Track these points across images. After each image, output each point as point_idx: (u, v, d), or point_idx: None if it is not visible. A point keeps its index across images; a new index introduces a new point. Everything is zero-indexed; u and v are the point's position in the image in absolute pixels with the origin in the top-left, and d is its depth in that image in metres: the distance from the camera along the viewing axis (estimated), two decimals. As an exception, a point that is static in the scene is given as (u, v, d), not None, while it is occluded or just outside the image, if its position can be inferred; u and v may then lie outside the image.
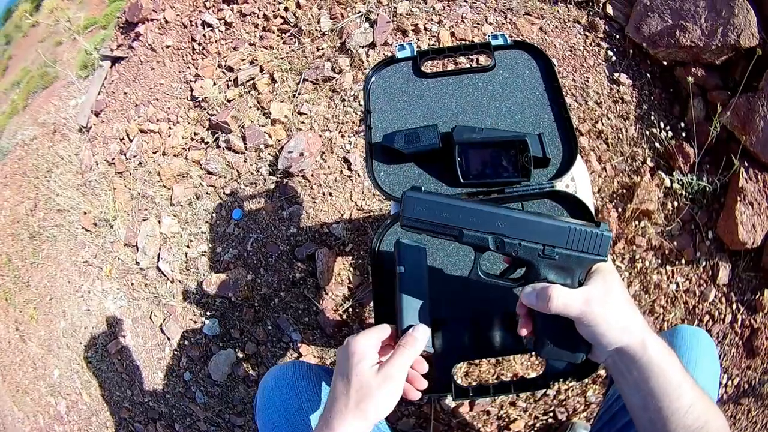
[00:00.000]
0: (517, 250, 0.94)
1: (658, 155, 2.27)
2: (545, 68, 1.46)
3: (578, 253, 0.92)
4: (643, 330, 0.88)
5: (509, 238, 0.94)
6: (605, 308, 0.87)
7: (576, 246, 0.91)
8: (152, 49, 3.75)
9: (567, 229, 0.92)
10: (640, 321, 0.90)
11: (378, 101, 1.49)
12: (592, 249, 0.91)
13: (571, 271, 0.92)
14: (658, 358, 0.87)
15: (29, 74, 6.47)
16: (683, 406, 0.85)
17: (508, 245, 0.94)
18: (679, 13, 2.24)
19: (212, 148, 3.17)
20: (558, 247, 0.92)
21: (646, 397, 0.87)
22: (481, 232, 0.95)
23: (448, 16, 2.81)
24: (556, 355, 0.95)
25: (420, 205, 0.96)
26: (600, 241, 0.91)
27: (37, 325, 3.58)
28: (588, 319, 0.87)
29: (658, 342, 0.89)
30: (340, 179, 2.70)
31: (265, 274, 2.69)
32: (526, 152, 1.25)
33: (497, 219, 0.94)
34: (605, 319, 0.87)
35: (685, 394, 0.86)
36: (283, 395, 1.23)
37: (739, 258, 2.09)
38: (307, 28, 3.12)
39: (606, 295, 0.89)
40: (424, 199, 0.97)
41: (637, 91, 2.39)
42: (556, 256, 0.92)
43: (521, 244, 0.93)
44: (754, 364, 2.00)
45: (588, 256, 0.92)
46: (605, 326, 0.87)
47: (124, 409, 2.93)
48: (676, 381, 0.86)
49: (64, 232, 3.69)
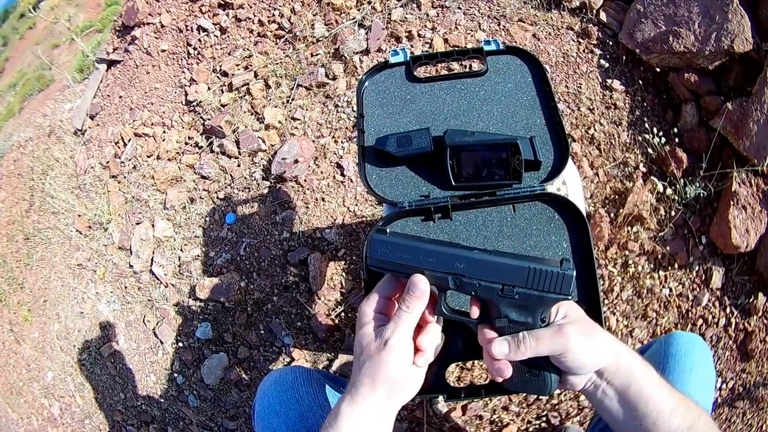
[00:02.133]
0: (476, 290, 0.93)
1: (651, 161, 2.28)
2: (537, 73, 1.46)
3: (539, 292, 0.90)
4: (615, 345, 0.90)
5: (467, 278, 0.94)
6: (581, 337, 0.87)
7: (537, 286, 0.90)
8: (148, 53, 3.76)
9: (526, 269, 0.91)
10: (610, 338, 0.91)
11: (371, 105, 1.49)
12: (555, 288, 0.90)
13: (533, 309, 0.91)
14: (633, 365, 0.88)
15: (25, 76, 6.49)
16: (667, 409, 0.86)
17: (468, 285, 0.94)
18: (673, 19, 2.25)
19: (206, 153, 3.17)
20: (518, 286, 0.91)
21: (628, 406, 0.88)
22: (441, 273, 0.95)
23: (441, 23, 2.82)
24: (526, 388, 0.95)
25: (384, 247, 0.97)
26: (562, 281, 0.89)
27: (31, 327, 3.58)
28: (564, 353, 0.87)
29: (630, 350, 0.90)
30: (333, 184, 2.70)
31: (257, 278, 2.68)
32: (517, 155, 1.24)
33: (456, 260, 0.94)
34: (581, 347, 0.87)
35: (667, 398, 0.87)
36: (283, 401, 1.22)
37: (732, 262, 2.09)
38: (301, 34, 3.13)
39: (578, 325, 0.89)
40: (387, 241, 0.98)
41: (629, 97, 2.40)
42: (516, 296, 0.91)
43: (480, 284, 0.93)
44: (749, 367, 2.01)
45: (550, 296, 0.90)
46: (585, 354, 0.87)
47: (117, 412, 2.92)
48: (655, 387, 0.87)
49: (58, 234, 3.69)
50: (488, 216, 1.32)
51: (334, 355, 2.42)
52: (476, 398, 1.48)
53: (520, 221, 1.31)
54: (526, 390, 0.95)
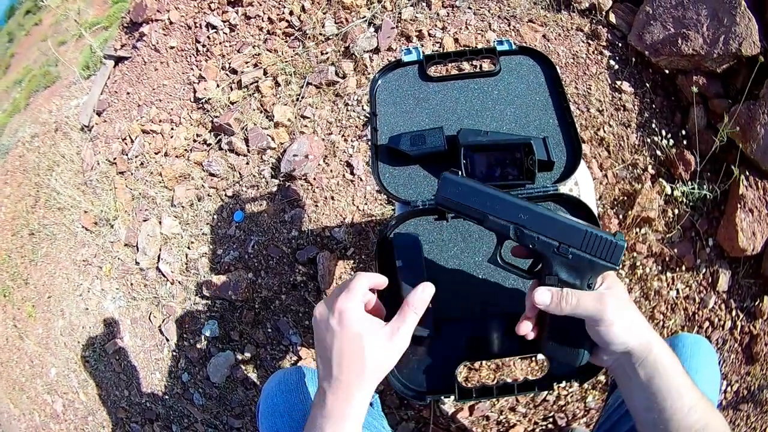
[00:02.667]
0: (534, 243, 0.97)
1: (659, 163, 2.28)
2: (550, 74, 1.47)
3: (591, 256, 0.93)
4: (649, 331, 0.91)
5: (528, 229, 0.97)
6: (618, 310, 0.89)
7: (590, 250, 0.93)
8: (156, 49, 3.76)
9: (583, 231, 0.94)
10: (646, 324, 0.92)
11: (384, 104, 1.50)
12: (605, 256, 0.93)
13: (583, 273, 0.94)
14: (663, 359, 0.89)
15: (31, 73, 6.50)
16: (685, 405, 0.87)
17: (527, 236, 0.97)
18: (682, 21, 2.25)
19: (214, 150, 3.18)
20: (573, 247, 0.94)
21: (650, 397, 0.89)
22: (503, 220, 0.98)
23: (452, 23, 2.82)
24: (559, 354, 0.98)
25: (454, 187, 1.01)
26: (614, 250, 0.93)
27: (35, 323, 3.58)
28: (601, 320, 0.88)
29: (663, 343, 0.91)
30: (342, 183, 2.70)
31: (265, 276, 2.69)
32: (530, 155, 1.25)
33: (520, 211, 0.98)
34: (618, 319, 0.88)
35: (687, 395, 0.88)
36: (287, 400, 1.22)
37: (738, 265, 2.09)
38: (311, 32, 3.13)
39: (618, 299, 0.91)
40: (458, 181, 1.01)
41: (638, 99, 2.40)
42: (569, 255, 0.94)
43: (539, 238, 0.96)
44: (754, 370, 2.01)
45: (600, 262, 0.93)
46: (619, 328, 0.88)
47: (121, 410, 2.92)
48: (678, 381, 0.88)
49: (64, 230, 3.69)
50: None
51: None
52: (487, 398, 1.48)
53: None
54: (558, 356, 0.98)
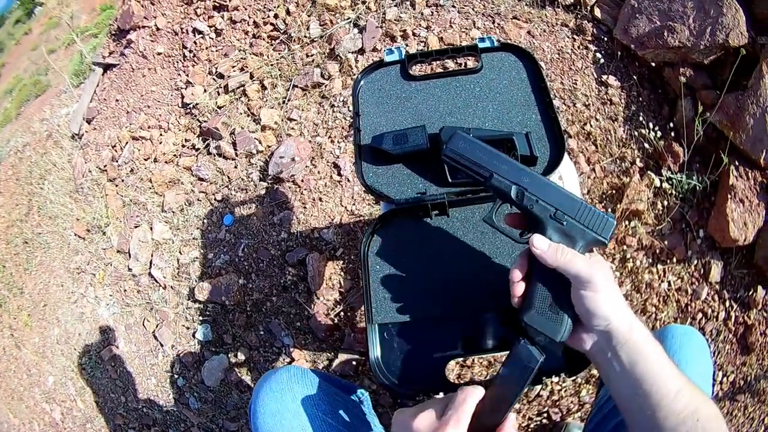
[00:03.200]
0: (533, 205, 1.00)
1: (647, 155, 2.28)
2: (532, 69, 1.47)
3: (584, 227, 0.97)
4: (630, 316, 0.91)
5: (530, 193, 1.01)
6: (606, 281, 0.90)
7: (583, 220, 0.97)
8: (143, 56, 3.76)
9: (579, 202, 0.98)
10: (629, 308, 0.92)
11: (367, 104, 1.50)
12: (597, 229, 0.97)
13: (574, 240, 0.97)
14: (645, 343, 0.89)
15: (22, 82, 6.50)
16: (671, 391, 0.85)
17: (527, 198, 1.01)
18: (667, 13, 2.25)
19: (203, 155, 3.18)
20: (568, 215, 0.98)
21: (634, 383, 0.87)
22: (507, 180, 1.02)
23: (436, 22, 2.82)
24: (538, 324, 0.97)
25: (465, 142, 1.06)
26: (605, 223, 0.97)
27: (31, 331, 3.57)
28: (592, 282, 0.89)
29: (644, 328, 0.91)
30: (330, 184, 2.70)
31: (256, 279, 2.68)
32: (513, 150, 1.26)
33: (524, 174, 1.02)
34: (606, 289, 0.89)
35: (672, 380, 0.86)
36: (278, 400, 1.22)
37: (730, 255, 2.09)
38: (296, 35, 3.13)
39: (606, 273, 0.92)
40: (469, 139, 1.06)
41: (625, 93, 2.40)
42: (564, 222, 0.98)
43: (538, 201, 1.00)
44: (749, 360, 2.00)
45: (591, 233, 0.97)
46: (605, 295, 0.89)
47: (119, 416, 2.92)
48: (662, 367, 0.87)
49: (57, 238, 3.69)
50: (485, 212, 1.33)
51: (334, 354, 2.41)
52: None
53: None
54: (541, 326, 0.97)
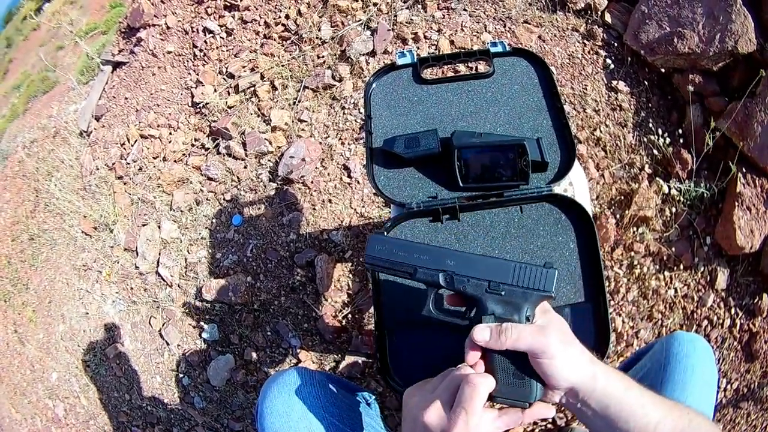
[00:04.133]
0: (465, 286, 0.98)
1: (656, 162, 2.28)
2: (543, 75, 1.47)
3: (523, 289, 0.95)
4: (592, 363, 0.89)
5: (458, 275, 0.99)
6: (560, 344, 0.88)
7: (521, 282, 0.95)
8: (153, 54, 3.77)
9: (512, 266, 0.96)
10: (589, 357, 0.91)
11: (378, 107, 1.50)
12: (538, 285, 0.94)
13: (518, 306, 0.95)
14: (611, 387, 0.87)
15: (30, 78, 6.51)
16: (650, 423, 0.85)
17: (457, 281, 0.99)
18: (677, 20, 2.25)
19: (213, 154, 3.19)
20: (504, 282, 0.96)
21: (610, 423, 0.87)
22: (432, 270, 1.00)
23: (447, 25, 2.83)
24: (511, 394, 0.93)
25: (381, 245, 1.03)
26: (545, 278, 0.94)
27: (35, 327, 3.58)
28: (544, 352, 0.87)
29: (608, 371, 0.90)
30: (339, 186, 2.71)
31: (264, 279, 2.69)
32: (524, 156, 1.26)
33: (447, 257, 1.00)
34: (561, 354, 0.87)
35: (651, 412, 0.86)
36: (285, 402, 1.22)
37: (737, 263, 2.09)
38: (307, 36, 3.14)
39: (559, 332, 0.90)
40: (384, 239, 1.05)
41: (635, 99, 2.40)
42: (502, 292, 0.95)
43: (469, 280, 0.98)
44: (753, 368, 2.00)
45: (534, 292, 0.95)
46: (561, 361, 0.87)
47: (123, 413, 2.92)
48: (636, 403, 0.87)
49: (63, 235, 3.70)
50: (495, 217, 1.33)
51: (341, 356, 2.42)
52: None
53: (527, 222, 1.32)
54: (510, 396, 0.93)
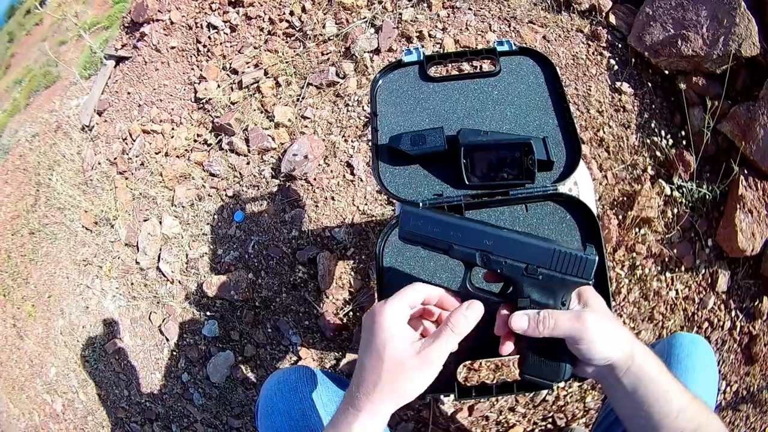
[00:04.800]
0: (502, 268, 0.95)
1: (659, 163, 2.29)
2: (550, 74, 1.47)
3: (562, 275, 0.93)
4: (631, 341, 0.90)
5: (495, 255, 0.96)
6: (598, 327, 0.88)
7: (560, 268, 0.93)
8: (157, 49, 3.77)
9: (551, 250, 0.93)
10: (627, 334, 0.91)
11: (384, 104, 1.50)
12: (577, 272, 0.92)
13: (555, 292, 0.94)
14: (646, 367, 0.88)
15: (32, 72, 6.50)
16: (673, 410, 0.86)
17: (494, 262, 0.96)
18: (681, 22, 2.25)
19: (215, 150, 3.18)
20: (542, 267, 0.93)
21: (636, 405, 0.88)
22: (469, 248, 0.97)
23: (452, 24, 2.83)
24: (540, 372, 0.96)
25: (416, 220, 1.00)
26: (585, 265, 0.92)
27: (34, 322, 3.58)
28: (581, 338, 0.87)
29: (646, 351, 0.91)
30: (342, 183, 2.71)
31: (265, 276, 2.69)
32: (530, 155, 1.26)
33: (485, 237, 0.97)
34: (598, 334, 0.87)
35: (675, 399, 0.87)
36: (286, 400, 1.23)
37: (738, 265, 2.10)
38: (312, 33, 3.14)
39: (596, 314, 0.90)
40: (419, 214, 1.00)
41: (638, 100, 2.41)
42: (539, 276, 0.93)
43: (506, 262, 0.95)
44: (753, 370, 2.01)
45: (572, 279, 0.93)
46: (600, 343, 0.87)
47: (121, 409, 2.93)
48: (664, 387, 0.88)
49: (64, 230, 3.70)
50: (501, 215, 1.34)
51: (342, 354, 2.42)
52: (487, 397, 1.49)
53: (532, 221, 1.32)
54: (538, 375, 0.96)
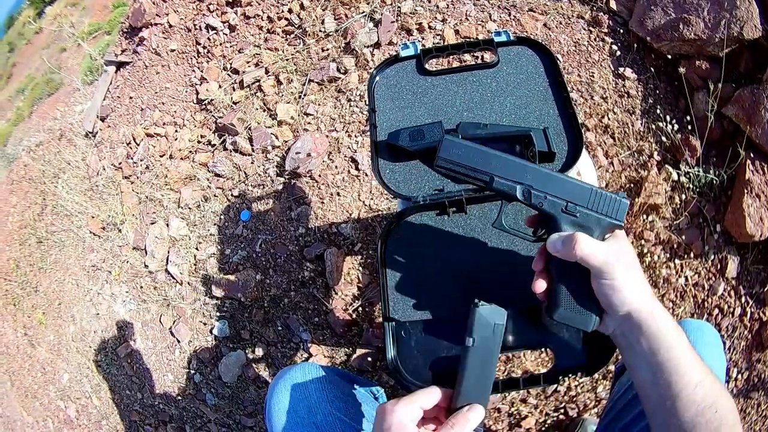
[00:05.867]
0: (543, 203, 0.98)
1: (665, 149, 2.27)
2: (549, 64, 1.46)
3: (598, 214, 0.95)
4: (653, 300, 0.89)
5: (536, 190, 0.98)
6: (624, 265, 0.89)
7: (596, 208, 0.95)
8: (157, 53, 3.77)
9: (590, 190, 0.96)
10: (650, 292, 0.91)
11: (382, 100, 1.49)
12: (611, 213, 0.95)
13: (590, 230, 0.95)
14: (666, 329, 0.87)
15: (34, 81, 6.51)
16: (692, 381, 0.84)
17: (535, 196, 0.98)
18: (682, 6, 2.23)
19: (219, 151, 3.18)
20: (580, 205, 0.96)
21: (655, 370, 0.86)
22: (510, 181, 0.99)
23: (452, 14, 2.81)
24: (567, 319, 0.97)
25: (457, 149, 1.01)
26: (618, 207, 0.95)
27: (45, 329, 3.60)
28: (608, 272, 0.88)
29: (666, 314, 0.89)
30: (347, 179, 2.70)
31: (274, 274, 2.69)
32: (531, 146, 1.25)
33: (527, 171, 0.99)
34: (624, 275, 0.88)
35: (694, 370, 0.85)
36: (292, 397, 1.23)
37: (747, 251, 2.08)
38: (311, 29, 3.13)
39: (626, 257, 0.91)
40: (460, 143, 1.01)
41: (642, 85, 2.39)
42: (577, 214, 0.96)
43: (547, 197, 0.98)
44: (764, 357, 1.99)
45: (606, 219, 0.95)
46: (622, 282, 0.88)
47: (135, 412, 2.94)
48: (684, 355, 0.86)
49: (72, 236, 3.71)
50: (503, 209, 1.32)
51: (352, 349, 2.42)
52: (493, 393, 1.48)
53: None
54: (570, 321, 0.96)
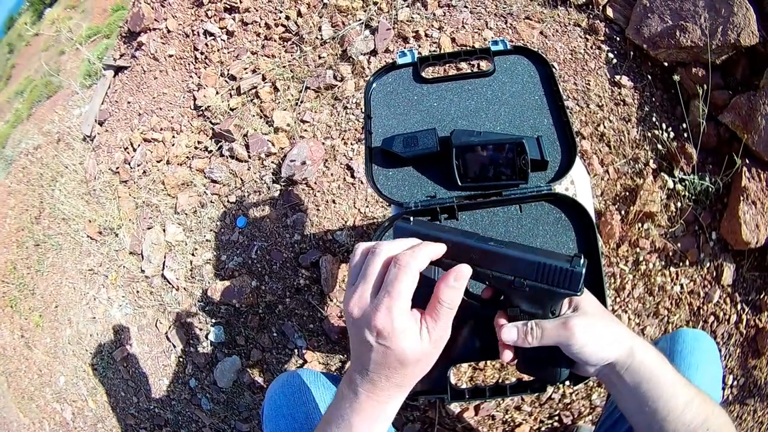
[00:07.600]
0: (490, 280, 0.94)
1: (661, 157, 2.27)
2: (545, 73, 1.46)
3: (549, 286, 0.91)
4: (629, 338, 0.88)
5: (482, 268, 0.94)
6: (588, 331, 0.87)
7: (545, 280, 0.91)
8: (155, 58, 3.77)
9: (535, 263, 0.91)
10: (624, 330, 0.90)
11: (378, 107, 1.49)
12: (564, 285, 0.90)
13: (543, 302, 0.92)
14: (647, 362, 0.87)
15: (33, 83, 6.52)
16: (679, 404, 0.84)
17: (482, 274, 0.94)
18: (679, 13, 2.24)
19: (216, 157, 3.18)
20: (528, 279, 0.92)
21: (640, 401, 0.87)
22: (457, 262, 0.95)
23: (448, 22, 2.81)
24: (538, 374, 0.98)
25: (406, 233, 0.98)
26: (571, 278, 0.89)
27: (42, 332, 3.60)
28: (573, 344, 0.86)
29: (646, 346, 0.89)
30: (343, 186, 2.70)
31: (269, 281, 2.69)
32: (523, 155, 1.24)
33: (470, 251, 0.95)
34: (589, 339, 0.86)
35: (680, 393, 0.85)
36: (290, 403, 1.23)
37: (743, 258, 2.08)
38: (308, 37, 3.13)
39: (586, 318, 0.89)
40: (408, 227, 0.99)
41: (638, 93, 2.39)
42: (526, 288, 0.92)
43: (492, 274, 0.94)
44: (760, 364, 1.99)
45: (559, 291, 0.90)
46: (591, 346, 0.86)
47: (130, 416, 2.93)
48: (668, 381, 0.86)
49: (69, 240, 3.71)
50: (495, 216, 1.32)
51: (347, 356, 2.42)
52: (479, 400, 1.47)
53: (526, 221, 1.31)
54: (537, 376, 0.97)
